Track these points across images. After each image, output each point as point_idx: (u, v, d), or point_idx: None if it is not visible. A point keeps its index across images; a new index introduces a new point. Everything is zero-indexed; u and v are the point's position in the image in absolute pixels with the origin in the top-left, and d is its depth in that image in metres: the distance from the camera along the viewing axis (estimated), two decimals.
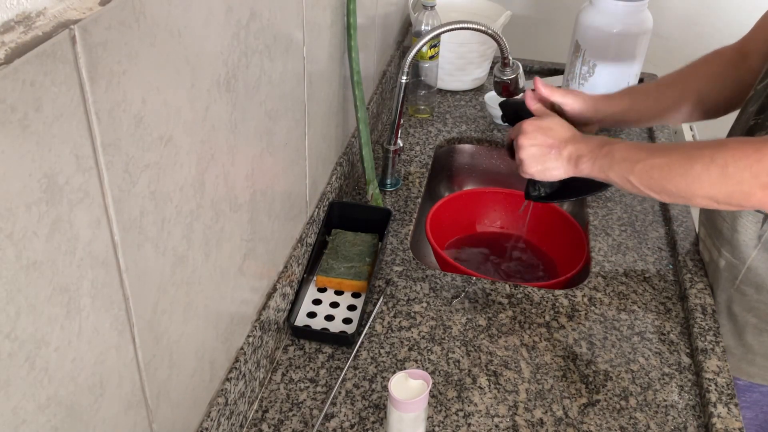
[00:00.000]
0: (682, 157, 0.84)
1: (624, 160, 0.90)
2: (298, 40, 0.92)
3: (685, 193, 0.85)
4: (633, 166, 0.88)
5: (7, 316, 0.44)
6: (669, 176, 0.85)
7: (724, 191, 0.81)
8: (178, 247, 0.66)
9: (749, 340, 1.04)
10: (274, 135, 0.88)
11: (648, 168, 0.87)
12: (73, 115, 0.47)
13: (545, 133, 0.98)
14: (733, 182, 0.80)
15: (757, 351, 1.04)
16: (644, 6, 1.50)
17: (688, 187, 0.83)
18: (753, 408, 1.10)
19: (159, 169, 0.60)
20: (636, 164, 0.88)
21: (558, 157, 0.97)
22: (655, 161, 0.86)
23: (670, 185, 0.85)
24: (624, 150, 0.91)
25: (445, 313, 1.08)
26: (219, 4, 0.67)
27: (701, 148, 0.83)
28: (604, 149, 0.93)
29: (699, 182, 0.82)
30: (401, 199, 1.34)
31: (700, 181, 0.82)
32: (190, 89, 0.63)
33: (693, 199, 0.85)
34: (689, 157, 0.83)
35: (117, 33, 0.51)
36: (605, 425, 0.92)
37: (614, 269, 1.19)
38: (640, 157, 0.88)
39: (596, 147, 0.94)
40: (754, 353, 1.04)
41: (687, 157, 0.83)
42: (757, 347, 1.04)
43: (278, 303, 0.98)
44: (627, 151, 0.90)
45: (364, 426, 0.90)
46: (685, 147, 0.85)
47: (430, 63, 1.55)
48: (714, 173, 0.81)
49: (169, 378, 0.68)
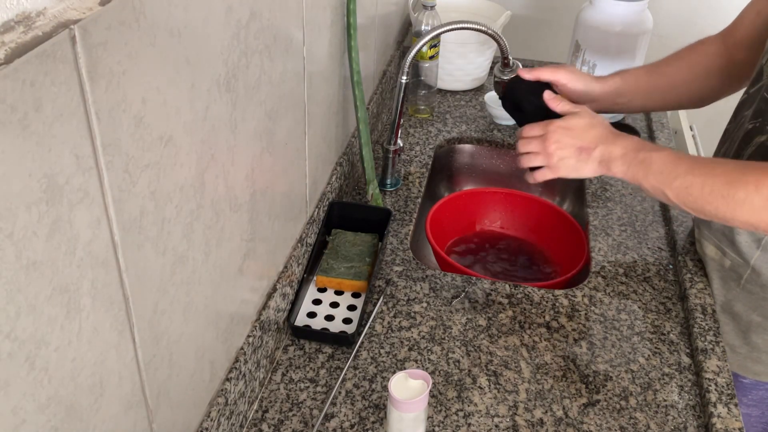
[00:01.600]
0: (725, 180, 0.82)
1: (661, 172, 0.87)
2: (298, 40, 0.92)
3: (724, 217, 0.83)
4: (671, 181, 0.86)
5: (7, 316, 0.44)
6: (709, 198, 0.83)
7: (766, 219, 0.80)
8: (178, 247, 0.66)
9: (754, 339, 1.04)
10: (274, 135, 0.88)
11: (687, 185, 0.84)
12: (73, 115, 0.47)
13: (573, 135, 0.95)
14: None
15: (763, 349, 1.04)
16: (644, 6, 1.50)
17: (728, 212, 0.82)
18: (759, 406, 1.10)
19: (159, 169, 0.60)
20: (674, 179, 0.86)
21: (588, 160, 0.95)
22: (696, 180, 0.84)
23: (709, 207, 0.83)
24: (662, 161, 0.88)
25: (445, 313, 1.08)
26: (219, 4, 0.67)
27: (745, 173, 0.81)
28: (640, 155, 0.90)
29: (741, 209, 0.81)
30: (401, 199, 1.34)
31: (741, 208, 0.81)
32: (190, 89, 0.63)
33: (732, 222, 0.83)
34: (732, 182, 0.81)
35: (117, 33, 0.51)
36: (605, 425, 0.92)
37: (614, 269, 1.19)
38: (679, 172, 0.86)
39: (632, 151, 0.91)
40: (760, 351, 1.04)
41: (729, 181, 0.81)
42: (762, 345, 1.04)
43: (278, 303, 0.98)
44: (665, 162, 0.87)
45: (364, 426, 0.90)
46: (727, 167, 0.83)
47: (430, 63, 1.55)
48: (757, 202, 0.79)
49: (169, 378, 0.68)
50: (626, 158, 0.91)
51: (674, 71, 1.10)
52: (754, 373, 1.06)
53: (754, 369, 1.06)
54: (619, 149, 0.92)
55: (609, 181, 1.42)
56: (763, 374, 1.06)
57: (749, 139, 0.96)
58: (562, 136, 0.96)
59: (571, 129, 0.96)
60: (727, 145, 1.04)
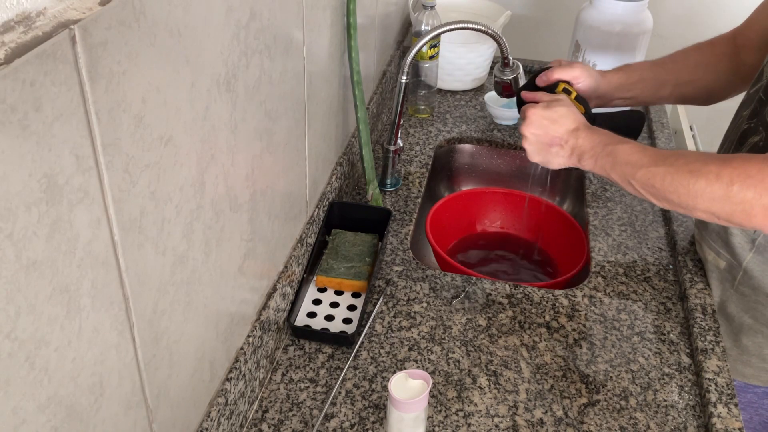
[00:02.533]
0: (687, 169, 0.83)
1: (627, 163, 0.89)
2: (298, 40, 0.92)
3: (686, 205, 0.84)
4: (635, 171, 0.88)
5: (7, 316, 0.44)
6: (671, 187, 0.84)
7: (726, 209, 0.80)
8: (178, 247, 0.66)
9: (744, 341, 1.04)
10: (274, 135, 0.88)
11: (651, 175, 0.86)
12: (73, 115, 0.47)
13: (547, 125, 0.97)
14: (735, 201, 0.79)
15: (753, 352, 1.04)
16: (644, 6, 1.50)
17: (689, 200, 0.83)
18: (748, 410, 1.10)
19: (159, 169, 0.60)
20: (639, 169, 0.88)
21: (560, 151, 0.97)
22: (659, 169, 0.86)
23: (672, 195, 0.85)
24: (627, 152, 0.90)
25: (445, 313, 1.08)
26: (219, 4, 0.67)
27: (707, 162, 0.82)
28: (608, 148, 0.92)
29: (701, 197, 0.82)
30: (401, 199, 1.34)
31: (702, 196, 0.82)
32: (190, 89, 0.63)
33: (693, 212, 0.85)
34: (693, 171, 0.83)
35: (117, 33, 0.51)
36: (605, 425, 0.92)
37: (614, 269, 1.19)
38: (643, 163, 0.88)
39: (599, 144, 0.93)
40: (750, 354, 1.04)
41: (691, 170, 0.83)
42: (752, 348, 1.04)
43: (278, 303, 0.98)
44: (630, 154, 0.90)
45: (364, 426, 0.90)
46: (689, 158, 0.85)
47: (430, 63, 1.55)
48: (717, 190, 0.80)
49: (169, 378, 0.68)
50: (594, 151, 0.93)
51: (680, 68, 1.10)
52: (744, 375, 1.06)
53: (744, 372, 1.06)
54: (588, 143, 0.94)
55: (609, 181, 1.42)
56: (752, 377, 1.06)
57: (744, 140, 0.97)
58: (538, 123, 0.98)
59: (547, 118, 0.98)
60: (726, 145, 1.04)
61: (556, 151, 0.97)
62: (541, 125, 0.98)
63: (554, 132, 0.97)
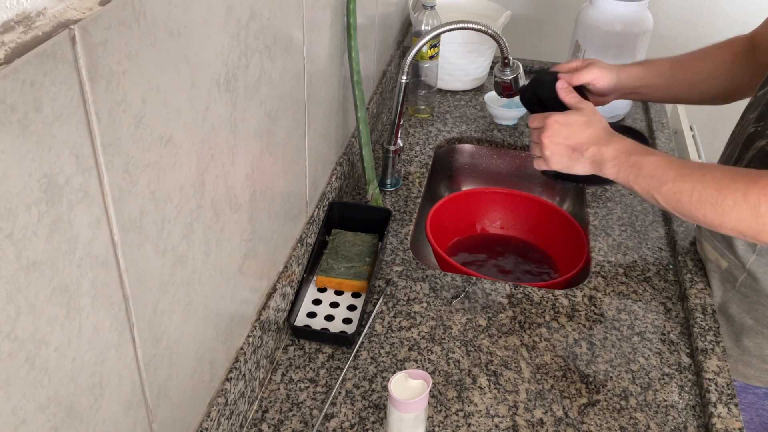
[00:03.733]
0: (713, 187, 0.82)
1: (651, 176, 0.87)
2: (298, 40, 0.92)
3: (713, 223, 0.83)
4: (660, 186, 0.86)
5: (7, 316, 0.44)
6: (698, 205, 0.83)
7: (754, 228, 0.80)
8: (178, 247, 0.66)
9: (745, 342, 1.04)
10: (274, 135, 0.88)
11: (676, 191, 0.85)
12: (73, 115, 0.47)
13: (567, 132, 0.95)
14: (762, 221, 0.79)
15: (753, 353, 1.04)
16: (644, 6, 1.50)
17: (716, 219, 0.82)
18: (748, 410, 1.10)
19: (159, 169, 0.60)
20: (664, 185, 0.86)
21: (580, 158, 0.95)
22: (685, 186, 0.84)
23: (698, 213, 0.84)
24: (652, 166, 0.88)
25: (445, 313, 1.08)
26: (219, 4, 0.67)
27: (734, 180, 0.81)
28: (632, 159, 0.90)
29: (728, 216, 0.81)
30: (401, 199, 1.34)
31: (729, 216, 0.81)
32: (190, 89, 0.63)
33: (720, 229, 0.83)
34: (720, 189, 0.81)
35: (117, 33, 0.51)
36: (605, 425, 0.92)
37: (614, 269, 1.19)
38: (669, 178, 0.86)
39: (623, 154, 0.91)
40: (750, 355, 1.04)
41: (718, 188, 0.81)
42: (753, 349, 1.04)
43: (278, 303, 0.98)
44: (655, 167, 0.87)
45: (364, 426, 0.90)
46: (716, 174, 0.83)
47: (430, 63, 1.55)
48: (745, 210, 0.79)
49: (169, 378, 0.68)
50: (618, 161, 0.91)
51: (699, 67, 1.09)
52: (744, 376, 1.06)
53: (744, 372, 1.06)
54: (611, 151, 0.92)
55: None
56: (752, 378, 1.06)
57: (750, 143, 0.96)
58: (557, 131, 0.96)
59: (567, 125, 0.96)
60: (731, 147, 1.04)
61: (577, 158, 0.95)
62: (560, 132, 0.95)
63: (575, 139, 0.95)
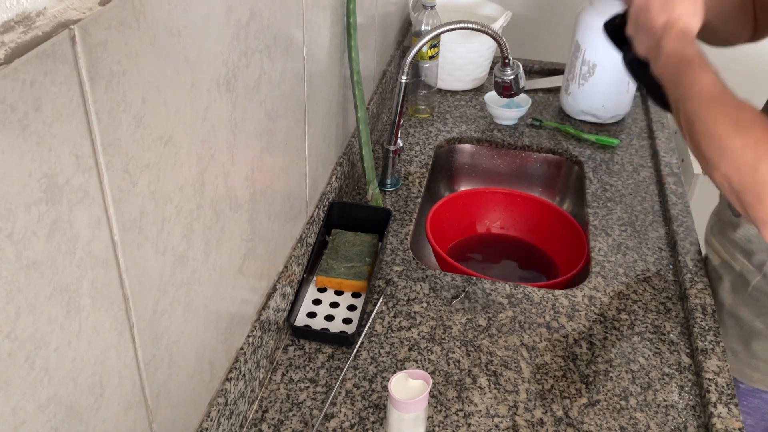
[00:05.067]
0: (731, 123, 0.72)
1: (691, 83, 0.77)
2: (298, 40, 0.92)
3: (710, 160, 0.74)
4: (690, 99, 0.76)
5: (7, 316, 0.44)
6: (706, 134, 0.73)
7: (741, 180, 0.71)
8: (178, 247, 0.66)
9: (754, 346, 1.04)
10: (274, 135, 0.88)
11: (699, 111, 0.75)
12: (73, 115, 0.47)
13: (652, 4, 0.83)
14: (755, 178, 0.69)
15: (762, 357, 1.04)
16: None
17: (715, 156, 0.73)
18: (753, 415, 1.09)
19: (159, 169, 0.60)
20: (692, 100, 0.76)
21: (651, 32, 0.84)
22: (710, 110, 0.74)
23: (702, 143, 0.74)
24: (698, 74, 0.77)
25: (445, 313, 1.08)
26: (219, 4, 0.67)
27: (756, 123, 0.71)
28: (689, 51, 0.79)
29: (726, 158, 0.71)
30: (401, 199, 1.34)
31: (727, 158, 0.71)
32: (190, 89, 0.63)
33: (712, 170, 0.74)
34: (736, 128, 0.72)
35: (117, 33, 0.51)
36: (605, 425, 0.92)
37: (614, 269, 1.19)
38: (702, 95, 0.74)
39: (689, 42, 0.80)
40: (759, 359, 1.04)
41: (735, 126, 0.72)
42: (761, 353, 1.03)
43: (278, 303, 0.98)
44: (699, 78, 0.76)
45: (364, 426, 0.90)
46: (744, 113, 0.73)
47: (430, 63, 1.55)
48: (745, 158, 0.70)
49: (169, 378, 0.68)
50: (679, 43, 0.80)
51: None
52: (752, 379, 1.06)
53: (752, 376, 1.06)
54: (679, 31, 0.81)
55: (609, 181, 1.42)
56: (759, 382, 1.06)
57: None
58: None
59: None
60: None
61: (649, 32, 0.84)
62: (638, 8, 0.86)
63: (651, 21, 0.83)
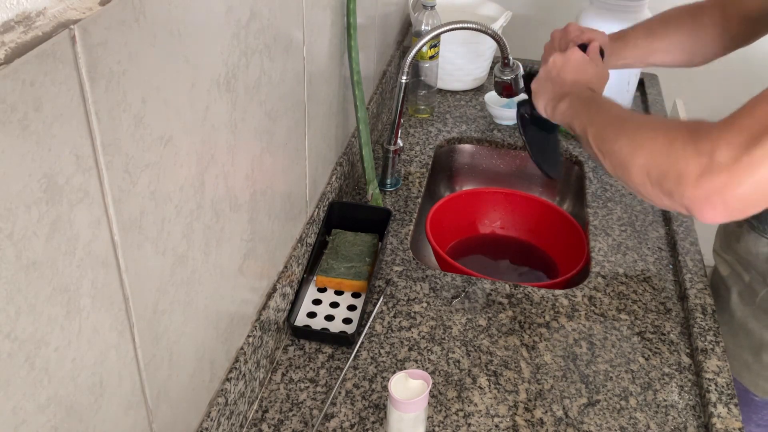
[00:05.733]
0: (639, 121, 0.78)
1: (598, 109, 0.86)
2: (298, 40, 0.92)
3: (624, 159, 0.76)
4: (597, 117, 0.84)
5: (7, 316, 0.44)
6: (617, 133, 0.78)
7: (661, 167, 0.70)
8: (178, 247, 0.66)
9: (765, 358, 1.03)
10: (274, 135, 0.88)
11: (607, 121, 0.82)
12: (73, 115, 0.47)
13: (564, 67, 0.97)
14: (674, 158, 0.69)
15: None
16: (644, 6, 1.50)
17: (628, 151, 0.75)
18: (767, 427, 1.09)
19: (159, 169, 0.60)
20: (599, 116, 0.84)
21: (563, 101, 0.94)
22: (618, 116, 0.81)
23: (614, 145, 0.78)
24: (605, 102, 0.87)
25: (445, 313, 1.08)
26: (219, 4, 0.67)
27: (664, 121, 0.77)
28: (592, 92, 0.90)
29: (641, 150, 0.73)
30: (401, 199, 1.34)
31: (642, 149, 0.73)
32: (190, 89, 0.63)
33: (629, 170, 0.75)
34: (643, 123, 0.76)
35: (117, 33, 0.51)
36: (605, 425, 0.92)
37: (614, 269, 1.19)
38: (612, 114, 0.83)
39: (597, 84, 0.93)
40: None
41: (641, 122, 0.77)
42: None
43: (278, 303, 0.98)
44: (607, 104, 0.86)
45: (364, 426, 0.90)
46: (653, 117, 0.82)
47: (430, 63, 1.55)
48: (659, 145, 0.71)
49: (169, 378, 0.68)
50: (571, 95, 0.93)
51: (671, 35, 1.09)
52: (765, 391, 1.05)
53: (765, 387, 1.05)
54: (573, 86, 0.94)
55: (609, 181, 1.42)
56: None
57: None
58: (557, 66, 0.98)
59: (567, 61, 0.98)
60: None
61: (562, 103, 0.93)
62: (557, 67, 0.97)
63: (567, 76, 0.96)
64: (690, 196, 0.67)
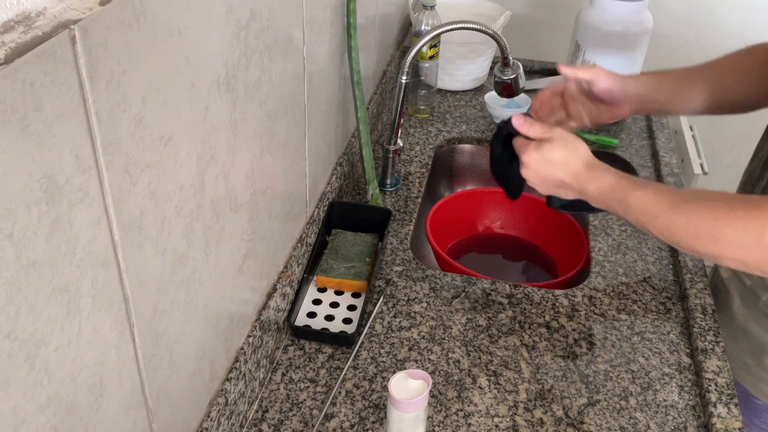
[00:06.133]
0: (710, 216, 0.77)
1: (641, 212, 0.83)
2: (298, 40, 0.92)
3: (713, 255, 0.78)
4: (653, 221, 0.82)
5: (7, 316, 0.44)
6: (695, 237, 0.78)
7: (758, 257, 0.74)
8: (178, 247, 0.66)
9: (766, 362, 1.03)
10: (274, 135, 0.88)
11: (670, 224, 0.80)
12: (73, 115, 0.47)
13: (546, 168, 0.90)
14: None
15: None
16: (644, 6, 1.50)
17: (717, 250, 0.77)
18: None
19: (159, 169, 0.60)
20: (656, 219, 0.82)
21: (567, 192, 0.91)
22: (679, 219, 0.79)
23: (696, 245, 0.79)
24: (641, 201, 0.83)
25: (445, 313, 1.08)
26: (219, 4, 0.67)
27: (732, 208, 0.76)
28: (617, 195, 0.86)
29: (730, 247, 0.76)
30: (401, 199, 1.34)
31: (730, 247, 0.76)
32: (190, 89, 0.63)
33: (721, 260, 0.79)
34: (718, 219, 0.76)
35: (117, 33, 0.51)
36: (605, 425, 0.92)
37: (614, 269, 1.19)
38: (660, 211, 0.81)
39: (607, 191, 0.87)
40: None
41: (715, 218, 0.76)
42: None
43: (278, 303, 0.98)
44: (644, 202, 0.83)
45: (364, 426, 0.90)
46: (711, 203, 0.78)
47: (430, 63, 1.55)
48: (747, 240, 0.74)
49: (169, 378, 0.68)
50: (603, 197, 0.87)
51: (716, 73, 1.02)
52: (766, 395, 1.05)
53: (766, 391, 1.05)
54: (594, 189, 0.88)
55: None
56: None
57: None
58: (535, 169, 0.92)
59: (545, 162, 0.91)
60: (753, 164, 1.02)
61: (564, 192, 0.92)
62: (539, 170, 0.91)
63: (555, 175, 0.90)
64: None
